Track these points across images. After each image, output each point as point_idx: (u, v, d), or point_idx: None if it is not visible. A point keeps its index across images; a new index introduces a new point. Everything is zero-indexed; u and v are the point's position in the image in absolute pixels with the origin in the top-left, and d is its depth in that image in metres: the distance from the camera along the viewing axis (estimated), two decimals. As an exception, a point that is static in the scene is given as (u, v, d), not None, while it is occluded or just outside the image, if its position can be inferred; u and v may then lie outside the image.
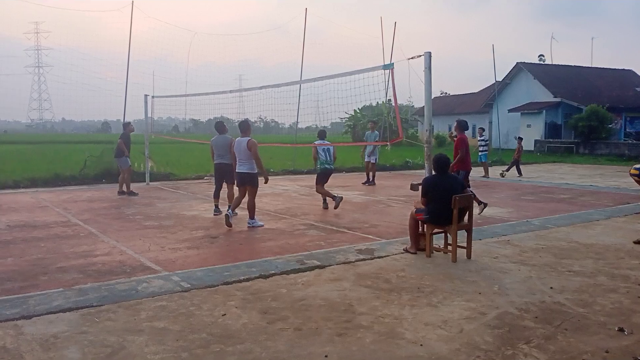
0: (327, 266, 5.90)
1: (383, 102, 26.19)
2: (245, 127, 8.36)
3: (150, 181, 15.17)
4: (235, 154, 8.25)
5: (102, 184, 14.80)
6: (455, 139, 9.93)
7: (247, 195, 8.32)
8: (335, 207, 9.90)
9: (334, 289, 5.08)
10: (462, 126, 9.84)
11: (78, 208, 10.38)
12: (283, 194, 12.94)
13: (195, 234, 7.70)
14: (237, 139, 8.35)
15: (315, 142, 10.64)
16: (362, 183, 15.07)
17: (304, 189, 13.91)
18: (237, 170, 8.24)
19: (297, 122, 19.17)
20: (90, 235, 7.70)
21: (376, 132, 15.66)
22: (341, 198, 10.05)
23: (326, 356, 3.55)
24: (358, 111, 42.05)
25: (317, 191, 10.51)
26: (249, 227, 8.16)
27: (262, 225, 8.28)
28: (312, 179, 16.80)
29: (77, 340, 3.83)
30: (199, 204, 11.05)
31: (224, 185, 9.50)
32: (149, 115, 15.81)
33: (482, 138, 18.20)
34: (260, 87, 11.14)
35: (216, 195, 9.62)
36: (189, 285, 5.16)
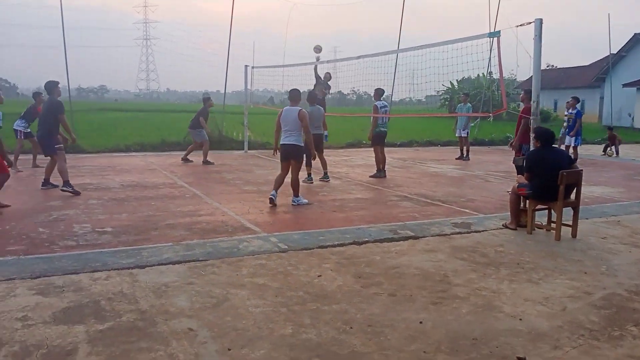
0: (421, 237, 5.85)
1: (483, 74, 25.09)
2: (296, 95, 7.78)
3: (248, 149, 15.74)
4: (280, 124, 7.63)
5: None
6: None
7: (290, 171, 7.63)
8: (371, 176, 10.54)
9: (428, 259, 5.04)
10: (530, 95, 8.79)
11: (183, 171, 11.04)
12: (374, 165, 12.85)
13: (291, 199, 7.91)
14: (285, 108, 7.74)
15: (378, 103, 10.47)
16: (456, 158, 14.62)
17: (396, 161, 13.77)
18: (282, 142, 7.59)
19: (391, 94, 18.88)
20: (195, 196, 8.18)
21: (469, 104, 15.01)
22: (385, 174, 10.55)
23: (421, 322, 3.55)
24: (456, 84, 40.62)
25: (376, 157, 10.64)
26: (293, 205, 7.51)
27: (307, 203, 7.62)
28: (405, 152, 16.69)
29: (186, 290, 4.12)
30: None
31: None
32: (249, 86, 16.29)
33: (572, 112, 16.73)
34: (358, 57, 11.08)
35: (308, 164, 9.82)
36: (286, 247, 5.34)
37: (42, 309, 3.69)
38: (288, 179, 7.61)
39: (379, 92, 10.71)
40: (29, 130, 11.24)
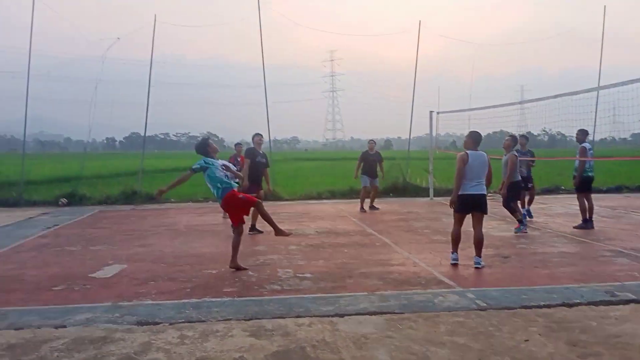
0: (646, 302, 5.07)
1: None
2: (480, 138, 6.83)
3: (434, 196, 15.55)
4: (465, 172, 6.60)
5: (389, 197, 15.80)
6: None
7: (473, 226, 6.76)
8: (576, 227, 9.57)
9: (659, 329, 4.32)
10: None
11: (371, 219, 11.29)
12: (578, 214, 11.66)
13: (484, 251, 7.50)
14: (469, 152, 6.67)
15: (586, 145, 9.54)
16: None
17: (604, 209, 12.31)
18: (469, 192, 6.61)
19: (593, 133, 17.19)
20: (385, 245, 8.28)
21: None
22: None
23: (661, 409, 3.02)
24: (671, 120, 35.40)
25: (581, 206, 9.67)
26: (476, 267, 6.61)
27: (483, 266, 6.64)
28: (613, 199, 14.87)
29: (384, 343, 4.12)
30: (486, 221, 10.77)
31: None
32: (434, 131, 16.25)
33: None
34: (555, 96, 10.34)
35: (516, 211, 9.34)
36: (485, 305, 5.06)
37: (255, 351, 3.99)
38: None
39: (584, 133, 9.82)
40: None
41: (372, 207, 12.95)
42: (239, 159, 12.64)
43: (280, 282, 6.04)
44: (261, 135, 9.83)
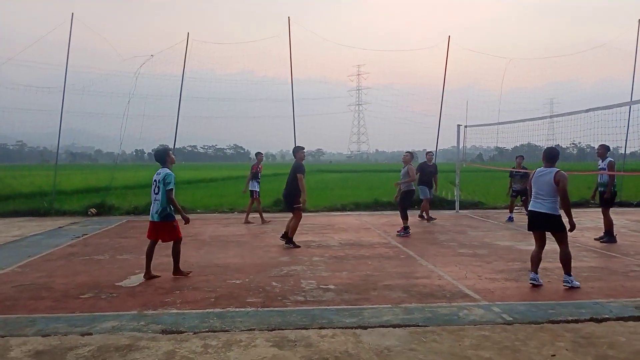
0: (679, 318, 4.91)
1: None
2: (553, 155, 6.48)
3: (459, 209, 15.38)
4: (531, 186, 6.54)
5: (415, 210, 15.65)
6: None
7: (558, 243, 6.39)
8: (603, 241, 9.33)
9: (693, 347, 4.18)
10: None
11: (396, 231, 11.20)
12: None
13: (512, 265, 7.43)
14: (537, 169, 6.57)
15: (612, 160, 9.67)
16: None
17: (634, 223, 12.01)
18: (531, 209, 6.46)
19: (625, 147, 16.81)
20: (409, 257, 8.21)
21: None
22: None
23: None
24: None
25: (609, 220, 9.58)
26: (565, 287, 6.20)
27: (579, 287, 6.19)
28: (639, 213, 14.47)
29: (408, 356, 4.08)
30: (512, 234, 10.64)
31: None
32: (461, 145, 16.12)
33: None
34: (587, 110, 10.15)
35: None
36: (511, 319, 4.97)
37: (278, 361, 3.99)
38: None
39: (606, 148, 9.69)
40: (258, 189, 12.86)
41: (429, 219, 12.97)
42: (254, 167, 12.85)
43: (303, 293, 6.05)
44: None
